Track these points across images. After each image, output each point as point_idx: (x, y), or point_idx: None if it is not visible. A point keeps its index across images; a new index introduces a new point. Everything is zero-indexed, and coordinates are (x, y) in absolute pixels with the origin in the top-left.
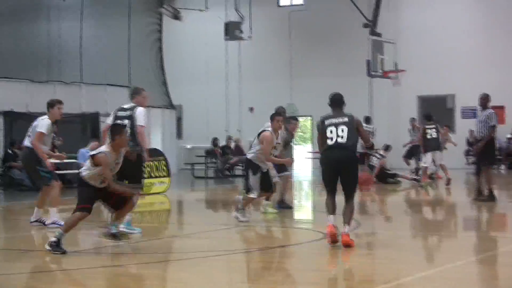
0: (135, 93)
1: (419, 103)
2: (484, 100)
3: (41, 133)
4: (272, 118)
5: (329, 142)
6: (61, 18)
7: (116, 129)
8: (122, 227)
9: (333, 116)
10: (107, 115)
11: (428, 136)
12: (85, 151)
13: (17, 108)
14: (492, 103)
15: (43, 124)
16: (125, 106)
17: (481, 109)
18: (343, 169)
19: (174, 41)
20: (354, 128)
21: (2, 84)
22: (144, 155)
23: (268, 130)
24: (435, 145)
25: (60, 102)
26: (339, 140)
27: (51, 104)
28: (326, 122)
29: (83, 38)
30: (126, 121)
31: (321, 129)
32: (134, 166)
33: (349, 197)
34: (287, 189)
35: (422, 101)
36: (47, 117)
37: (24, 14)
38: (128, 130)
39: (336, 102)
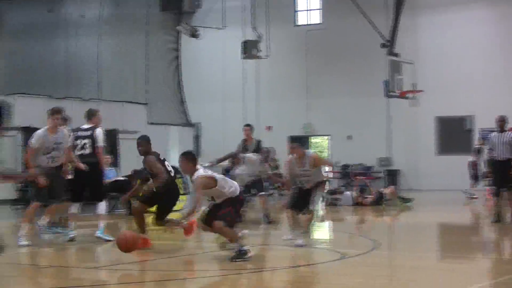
0: (91, 115)
1: (437, 124)
2: (502, 122)
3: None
4: None
5: None
6: (79, 35)
7: None
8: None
9: None
10: (125, 132)
11: None
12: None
13: (36, 124)
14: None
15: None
16: (84, 127)
17: (498, 131)
18: None
19: (191, 59)
20: None
21: (21, 100)
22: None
23: None
24: None
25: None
26: None
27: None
28: None
29: (101, 55)
30: (86, 141)
31: None
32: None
33: None
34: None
35: (440, 122)
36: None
37: (42, 32)
38: (88, 149)
39: None
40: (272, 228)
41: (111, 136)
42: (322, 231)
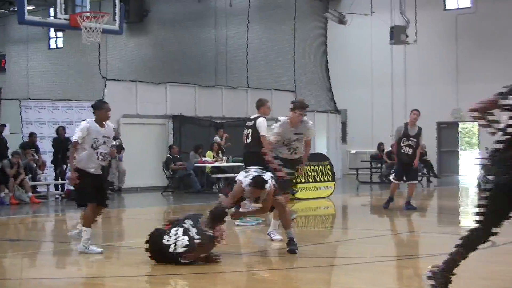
0: (259, 105)
1: None
2: None
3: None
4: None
5: None
6: (228, 23)
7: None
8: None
9: None
10: (273, 119)
11: None
12: None
13: (186, 112)
14: None
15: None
16: (252, 117)
17: None
18: None
19: (339, 45)
20: None
21: (172, 89)
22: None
23: None
24: None
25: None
26: None
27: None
28: None
29: (250, 43)
30: (249, 130)
31: None
32: None
33: None
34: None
35: None
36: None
37: (192, 21)
38: (250, 138)
39: None
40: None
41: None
42: (469, 218)
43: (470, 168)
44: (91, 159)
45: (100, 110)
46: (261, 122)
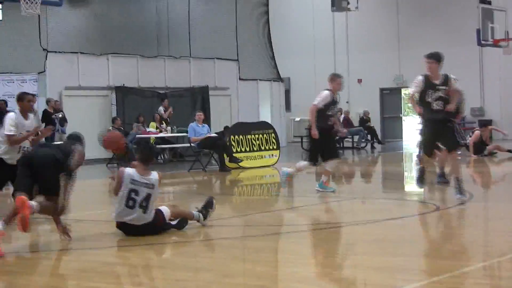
0: (331, 80)
1: None
2: None
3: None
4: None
5: None
6: None
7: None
8: None
9: None
10: (216, 88)
11: None
12: (195, 125)
13: (128, 83)
14: None
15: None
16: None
17: None
18: None
19: (281, 13)
20: None
21: (114, 60)
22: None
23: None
24: None
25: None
26: None
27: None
28: None
29: (191, 12)
30: None
31: None
32: None
33: None
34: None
35: None
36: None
37: None
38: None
39: None
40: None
41: (203, 93)
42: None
43: (413, 133)
44: (13, 150)
45: (23, 101)
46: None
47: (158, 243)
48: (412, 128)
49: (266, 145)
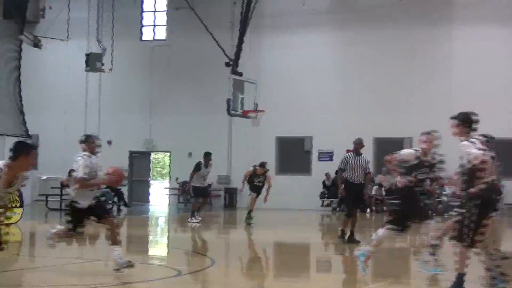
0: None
1: (277, 144)
2: (359, 145)
3: None
4: None
5: None
6: None
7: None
8: None
9: None
10: None
11: None
12: None
13: None
14: (348, 146)
15: None
16: None
17: (355, 153)
18: None
19: (33, 69)
20: None
21: None
22: None
23: None
24: None
25: None
26: None
27: None
28: None
29: None
30: None
31: None
32: None
33: None
34: None
35: (281, 142)
36: None
37: None
38: None
39: None
40: None
41: None
42: (159, 248)
43: (160, 197)
44: None
45: None
46: None
47: None
48: (159, 191)
49: (9, 203)
